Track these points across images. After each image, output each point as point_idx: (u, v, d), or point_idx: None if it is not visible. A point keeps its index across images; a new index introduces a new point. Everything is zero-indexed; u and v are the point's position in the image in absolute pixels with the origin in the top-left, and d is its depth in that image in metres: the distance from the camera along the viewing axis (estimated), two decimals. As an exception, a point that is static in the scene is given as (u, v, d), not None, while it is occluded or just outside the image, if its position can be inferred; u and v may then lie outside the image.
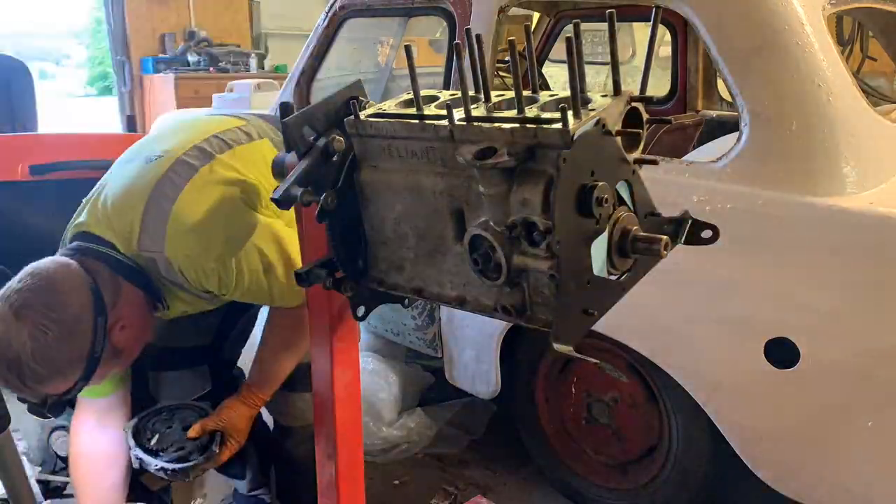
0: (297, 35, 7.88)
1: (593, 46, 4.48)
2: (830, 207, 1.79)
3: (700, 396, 2.08)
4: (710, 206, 1.94)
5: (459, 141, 0.95)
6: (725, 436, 2.07)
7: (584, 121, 0.86)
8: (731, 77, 1.96)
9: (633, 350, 2.19)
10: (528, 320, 0.95)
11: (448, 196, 0.99)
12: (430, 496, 2.63)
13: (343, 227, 1.11)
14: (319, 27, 3.08)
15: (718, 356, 2.01)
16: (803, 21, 1.92)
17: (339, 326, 1.36)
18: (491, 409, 3.09)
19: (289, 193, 1.06)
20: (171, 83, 7.73)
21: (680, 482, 2.29)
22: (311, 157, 1.10)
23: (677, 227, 1.00)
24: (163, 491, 2.24)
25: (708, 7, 2.02)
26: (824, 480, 1.94)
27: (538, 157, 0.87)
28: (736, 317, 1.95)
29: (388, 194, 1.07)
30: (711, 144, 2.43)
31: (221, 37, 8.64)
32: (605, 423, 2.45)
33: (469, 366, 2.65)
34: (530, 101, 0.95)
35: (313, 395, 1.45)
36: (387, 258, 1.12)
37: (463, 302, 1.04)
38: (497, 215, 0.91)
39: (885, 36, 2.96)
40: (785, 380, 1.88)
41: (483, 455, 2.90)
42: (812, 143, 1.86)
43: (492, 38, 2.46)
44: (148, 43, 8.24)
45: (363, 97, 1.15)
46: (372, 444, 2.83)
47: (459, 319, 2.58)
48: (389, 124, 1.04)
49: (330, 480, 1.47)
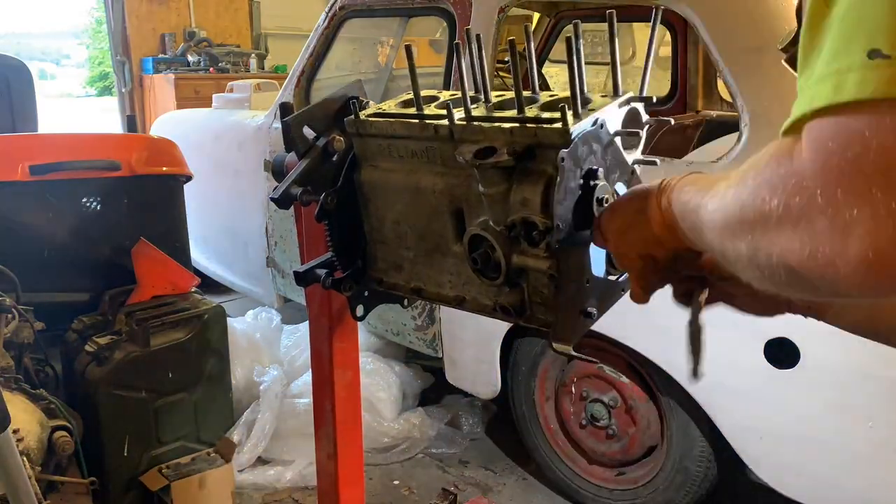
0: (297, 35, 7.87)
1: (593, 47, 4.48)
2: (830, 207, 1.79)
3: (700, 396, 2.08)
4: (710, 206, 1.94)
5: (459, 140, 0.95)
6: (725, 436, 2.07)
7: (583, 120, 0.86)
8: (731, 77, 1.96)
9: (633, 350, 2.19)
10: (527, 320, 0.95)
11: (447, 196, 0.99)
12: (430, 496, 2.63)
13: (342, 227, 1.11)
14: (319, 27, 3.08)
15: (718, 356, 2.01)
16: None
17: (339, 326, 1.36)
18: (491, 409, 3.09)
19: (288, 193, 1.06)
20: (171, 83, 7.72)
21: (680, 482, 2.29)
22: (311, 157, 1.10)
23: (677, 227, 1.00)
24: (163, 491, 2.24)
25: (708, 7, 2.02)
26: (824, 480, 1.93)
27: (538, 157, 0.87)
28: (736, 317, 1.95)
29: (388, 194, 1.07)
30: (711, 144, 2.43)
31: (221, 37, 8.63)
32: (605, 423, 2.45)
33: (469, 366, 2.65)
34: (530, 100, 0.95)
35: (313, 395, 1.45)
36: (386, 258, 1.12)
37: (462, 302, 1.04)
38: (496, 215, 0.91)
39: (886, 36, 2.96)
40: (785, 380, 1.88)
41: (483, 455, 2.90)
42: (812, 143, 1.86)
43: (492, 38, 2.46)
44: (148, 43, 8.23)
45: (363, 97, 1.15)
46: (372, 444, 2.83)
47: (459, 319, 2.58)
48: (389, 124, 1.04)
49: (330, 480, 1.47)
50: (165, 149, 2.73)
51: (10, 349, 2.07)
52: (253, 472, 2.68)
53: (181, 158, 2.74)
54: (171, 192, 2.74)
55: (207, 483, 2.28)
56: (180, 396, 2.37)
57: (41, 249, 2.49)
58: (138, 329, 2.25)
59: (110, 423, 2.22)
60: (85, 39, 16.30)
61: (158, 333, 2.31)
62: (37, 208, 2.46)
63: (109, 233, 2.57)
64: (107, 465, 2.23)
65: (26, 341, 2.13)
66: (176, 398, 2.36)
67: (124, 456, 2.26)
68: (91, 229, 2.55)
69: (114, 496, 2.26)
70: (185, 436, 2.40)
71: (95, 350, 2.25)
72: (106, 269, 2.55)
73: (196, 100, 7.08)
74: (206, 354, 2.42)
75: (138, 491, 2.29)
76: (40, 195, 2.45)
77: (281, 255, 3.37)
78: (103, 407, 2.21)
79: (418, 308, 2.73)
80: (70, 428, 1.94)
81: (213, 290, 3.92)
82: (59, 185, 2.45)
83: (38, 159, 2.39)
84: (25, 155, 2.40)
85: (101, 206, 2.57)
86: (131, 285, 2.46)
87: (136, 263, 2.47)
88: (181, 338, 2.35)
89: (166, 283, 2.45)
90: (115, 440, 2.24)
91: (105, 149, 2.59)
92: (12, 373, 1.99)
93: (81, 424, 2.06)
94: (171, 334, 2.34)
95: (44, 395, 2.01)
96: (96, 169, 2.51)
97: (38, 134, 3.17)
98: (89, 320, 2.43)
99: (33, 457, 1.81)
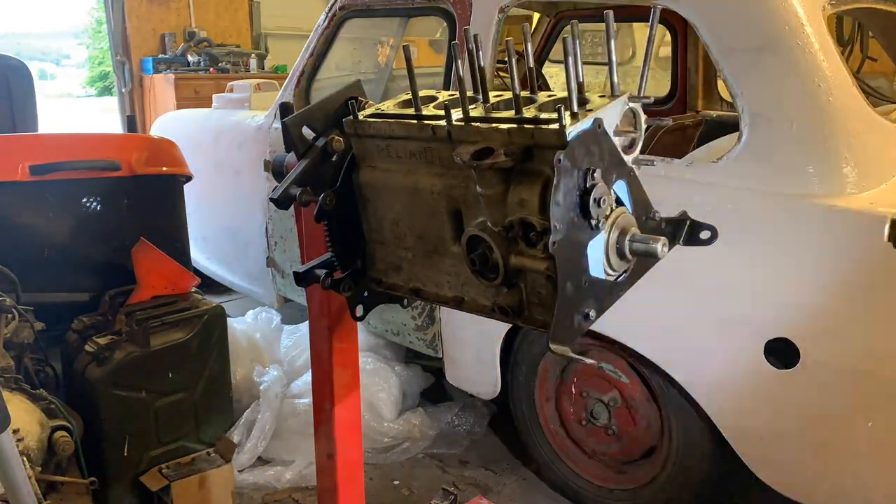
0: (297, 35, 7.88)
1: (593, 47, 4.48)
2: (830, 207, 1.79)
3: (700, 396, 2.08)
4: (710, 206, 1.94)
5: (457, 141, 0.95)
6: (725, 436, 2.07)
7: (581, 121, 0.86)
8: (731, 77, 1.96)
9: (633, 350, 2.19)
10: (525, 321, 0.95)
11: (446, 196, 0.99)
12: (430, 496, 2.63)
13: (341, 228, 1.11)
14: (319, 27, 3.08)
15: (718, 356, 2.01)
16: (803, 21, 1.91)
17: (339, 326, 1.36)
18: (491, 409, 3.09)
19: (288, 193, 1.06)
20: (171, 83, 7.72)
21: (680, 482, 2.29)
22: (311, 158, 1.10)
23: (676, 227, 1.00)
24: (163, 491, 2.24)
25: (708, 7, 2.02)
26: (824, 480, 1.93)
27: (535, 158, 0.87)
28: (736, 317, 1.95)
29: (386, 194, 1.07)
30: (711, 144, 2.43)
31: (221, 37, 8.63)
32: (605, 423, 2.45)
33: (469, 366, 2.65)
34: (528, 101, 0.95)
35: (313, 395, 1.45)
36: (385, 258, 1.12)
37: (460, 302, 1.04)
38: (494, 216, 0.91)
39: (885, 36, 2.96)
40: (785, 380, 1.88)
41: (483, 455, 2.90)
42: (812, 143, 1.86)
43: (492, 39, 2.46)
44: (148, 43, 8.23)
45: (362, 97, 1.15)
46: (372, 444, 2.83)
47: (459, 320, 2.58)
48: (388, 125, 1.04)
49: (330, 480, 1.47)
50: (165, 149, 2.73)
51: (10, 349, 2.07)
52: (253, 472, 2.69)
53: (181, 158, 2.74)
54: (171, 192, 2.74)
55: (207, 483, 2.29)
56: (180, 396, 2.37)
57: (41, 249, 2.49)
58: (138, 329, 2.25)
59: (110, 423, 2.23)
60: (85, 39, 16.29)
61: (158, 333, 2.31)
62: (37, 208, 2.46)
63: (109, 233, 2.57)
64: (107, 465, 2.23)
65: (26, 341, 2.13)
66: (176, 398, 2.36)
67: (124, 456, 2.26)
68: (91, 229, 2.55)
69: (114, 496, 2.26)
70: (185, 436, 2.40)
71: (95, 350, 2.25)
72: (106, 269, 2.55)
73: (196, 100, 7.08)
74: (206, 354, 2.42)
75: (138, 491, 2.30)
76: (40, 195, 2.45)
77: (281, 255, 3.37)
78: (103, 407, 2.21)
79: (418, 308, 2.73)
80: (70, 428, 1.94)
81: (213, 290, 3.93)
82: (59, 185, 2.45)
83: (38, 159, 2.39)
84: (25, 155, 2.40)
85: (101, 206, 2.57)
86: (131, 285, 2.46)
87: (136, 263, 2.47)
88: (181, 338, 2.35)
89: (166, 283, 2.45)
90: (115, 440, 2.24)
91: (105, 149, 2.58)
92: (12, 373, 1.99)
93: (81, 424, 2.05)
94: (171, 334, 2.34)
95: (44, 395, 2.01)
96: (96, 169, 2.51)
97: (38, 134, 3.17)
98: (89, 320, 2.44)
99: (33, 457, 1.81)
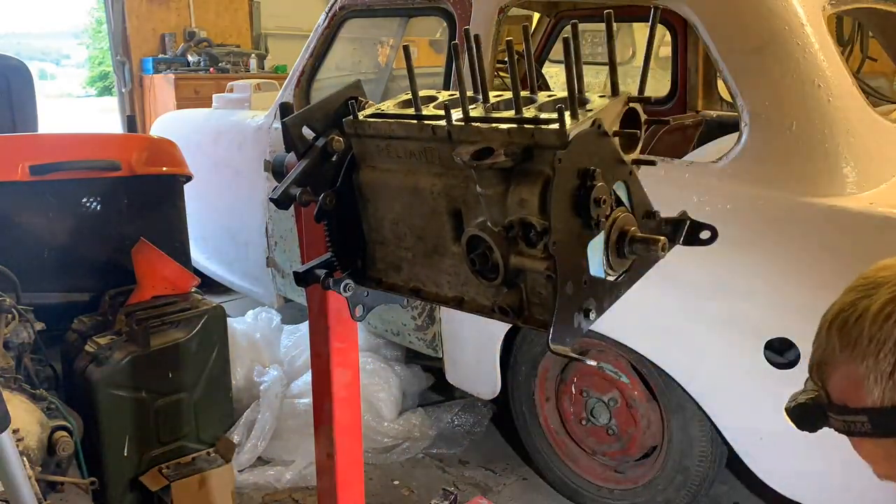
0: (297, 35, 7.87)
1: (593, 47, 4.48)
2: (830, 207, 1.79)
3: (700, 396, 2.08)
4: (710, 206, 1.94)
5: (457, 141, 0.95)
6: (725, 436, 2.07)
7: (581, 121, 0.86)
8: (731, 77, 1.96)
9: (633, 350, 2.19)
10: (525, 321, 0.95)
11: (446, 196, 0.99)
12: (430, 496, 2.63)
13: (341, 228, 1.11)
14: (319, 27, 3.08)
15: (718, 356, 2.01)
16: (803, 21, 1.91)
17: (339, 326, 1.36)
18: (491, 409, 3.09)
19: (288, 193, 1.06)
20: (171, 83, 7.71)
21: (680, 482, 2.29)
22: (311, 158, 1.10)
23: (675, 227, 1.00)
24: (163, 491, 2.24)
25: (708, 7, 2.02)
26: (824, 480, 1.93)
27: (535, 158, 0.87)
28: (736, 317, 1.95)
29: (387, 194, 1.07)
30: (711, 144, 2.43)
31: (221, 37, 8.63)
32: (605, 422, 2.45)
33: (469, 366, 2.65)
34: (528, 101, 0.95)
35: (313, 395, 1.45)
36: (385, 258, 1.12)
37: (461, 302, 1.04)
38: (494, 216, 0.91)
39: (885, 36, 2.96)
40: (785, 380, 1.88)
41: (483, 455, 2.90)
42: (812, 143, 1.86)
43: (492, 39, 2.46)
44: (148, 43, 8.23)
45: (362, 97, 1.15)
46: (372, 444, 2.83)
47: (460, 320, 2.58)
48: (387, 124, 1.04)
49: (330, 480, 1.47)
50: (165, 149, 2.73)
51: (10, 349, 2.07)
52: (253, 472, 2.68)
53: (181, 158, 2.74)
54: (171, 192, 2.74)
55: (207, 483, 2.29)
56: (180, 396, 2.37)
57: (41, 249, 2.49)
58: (138, 329, 2.25)
59: (110, 423, 2.22)
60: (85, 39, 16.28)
61: (158, 333, 2.31)
62: (37, 208, 2.46)
63: (109, 233, 2.57)
64: (107, 465, 2.23)
65: (26, 341, 2.13)
66: (176, 398, 2.35)
67: (124, 456, 2.26)
68: (91, 229, 2.55)
69: (114, 496, 2.26)
70: (185, 436, 2.40)
71: (95, 350, 2.25)
72: (106, 269, 2.55)
73: (196, 100, 7.07)
74: (206, 354, 2.42)
75: (138, 491, 2.30)
76: (40, 195, 2.45)
77: (281, 255, 3.37)
78: (103, 407, 2.21)
79: (418, 308, 2.73)
80: (70, 428, 1.94)
81: (213, 290, 3.92)
82: (59, 185, 2.46)
83: (38, 159, 2.40)
84: (25, 155, 2.40)
85: (101, 206, 2.57)
86: (131, 285, 2.46)
87: (136, 263, 2.47)
88: (181, 338, 2.35)
89: (166, 283, 2.45)
90: (115, 440, 2.24)
91: (105, 149, 2.59)
92: (12, 373, 1.99)
93: (81, 424, 2.06)
94: (171, 334, 2.34)
95: (44, 395, 2.01)
96: (96, 169, 2.51)
97: (38, 134, 3.17)
98: (89, 320, 2.44)
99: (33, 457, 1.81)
